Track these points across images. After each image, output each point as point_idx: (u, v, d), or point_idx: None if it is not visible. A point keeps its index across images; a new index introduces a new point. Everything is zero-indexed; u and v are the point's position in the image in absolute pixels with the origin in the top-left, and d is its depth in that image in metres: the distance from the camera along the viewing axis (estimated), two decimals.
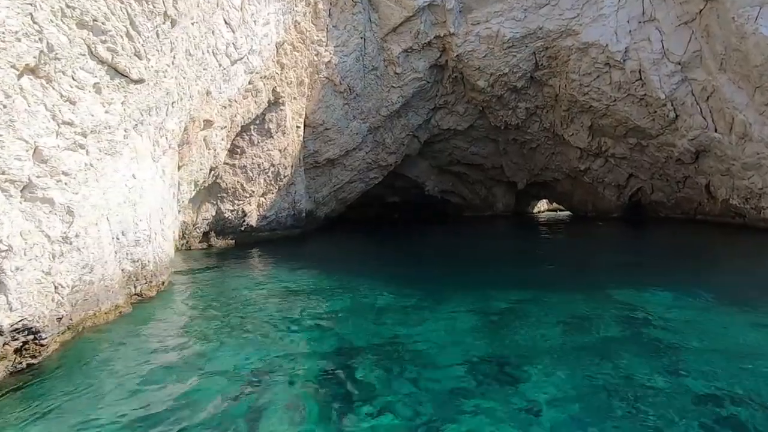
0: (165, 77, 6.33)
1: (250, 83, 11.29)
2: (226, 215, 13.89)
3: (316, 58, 15.58)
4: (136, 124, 5.52)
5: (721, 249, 11.93)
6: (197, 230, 13.40)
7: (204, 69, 8.68)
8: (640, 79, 16.25)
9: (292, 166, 15.12)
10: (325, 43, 15.65)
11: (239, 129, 11.55)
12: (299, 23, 13.46)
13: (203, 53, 8.40)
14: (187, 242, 13.19)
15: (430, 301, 6.84)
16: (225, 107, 10.25)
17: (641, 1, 15.98)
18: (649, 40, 15.82)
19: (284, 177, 14.97)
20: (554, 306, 6.34)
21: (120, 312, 5.22)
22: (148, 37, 5.37)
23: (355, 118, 18.33)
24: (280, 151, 14.24)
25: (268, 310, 6.25)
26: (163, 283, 6.82)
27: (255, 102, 11.90)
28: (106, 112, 4.81)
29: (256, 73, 11.41)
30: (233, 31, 9.66)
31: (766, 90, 12.70)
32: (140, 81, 5.35)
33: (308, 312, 6.27)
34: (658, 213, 20.75)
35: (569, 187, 24.13)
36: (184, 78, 7.36)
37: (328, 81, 16.22)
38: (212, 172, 11.18)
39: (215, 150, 10.36)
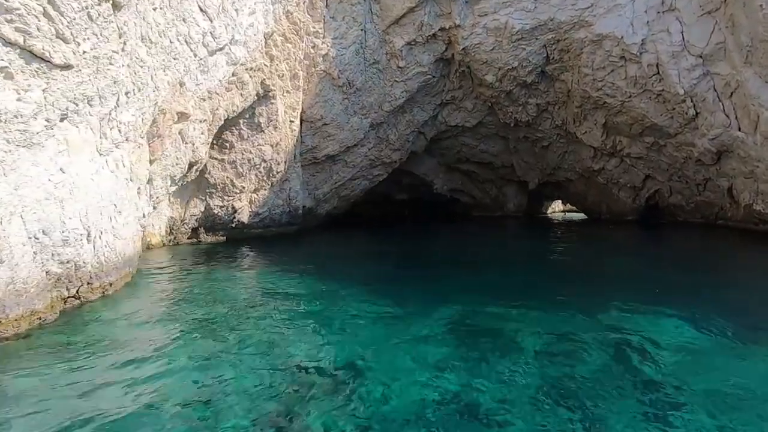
0: (111, 64, 5.84)
1: (233, 75, 10.79)
2: (216, 211, 13.52)
3: (312, 51, 15.00)
4: (66, 114, 5.05)
5: (742, 261, 10.64)
6: (185, 226, 13.07)
7: (174, 59, 8.20)
8: (658, 73, 14.99)
9: (285, 162, 14.62)
10: (322, 35, 15.04)
11: (222, 122, 11.08)
12: (292, 13, 12.88)
13: (171, 41, 7.92)
14: (174, 238, 12.88)
15: (407, 313, 6.13)
16: (204, 99, 9.79)
17: None
18: (669, 31, 14.54)
19: (277, 173, 14.49)
20: (542, 326, 5.45)
21: (39, 319, 4.78)
22: (74, 19, 4.87)
23: (356, 114, 17.68)
24: (271, 146, 13.74)
25: (221, 319, 5.71)
26: (111, 284, 6.38)
27: (241, 95, 11.41)
28: (19, 99, 4.34)
29: (241, 64, 10.90)
30: (210, 20, 9.15)
31: None
32: (67, 67, 4.87)
33: (265, 322, 5.69)
34: (677, 217, 19.34)
35: (583, 187, 22.86)
36: (141, 66, 6.88)
37: (326, 74, 15.62)
38: (194, 167, 10.76)
39: (194, 144, 9.92)
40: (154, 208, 9.71)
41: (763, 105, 12.33)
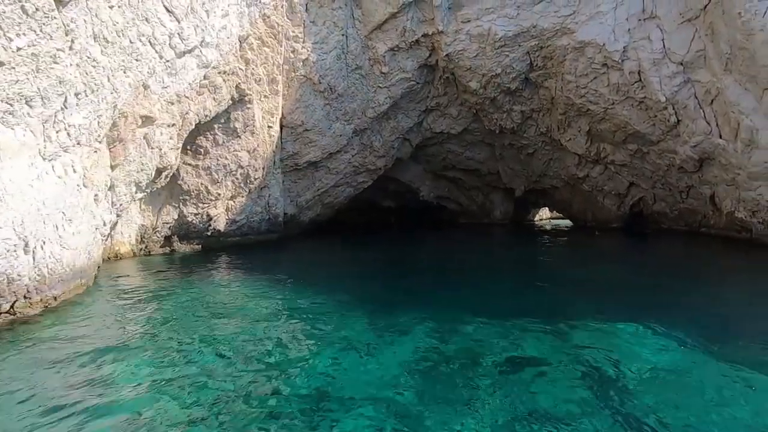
0: (55, 63, 5.45)
1: (205, 78, 10.42)
2: (190, 219, 13.05)
3: (292, 55, 14.69)
4: None
5: (724, 271, 10.46)
6: (158, 234, 12.58)
7: (136, 60, 7.82)
8: (640, 80, 14.92)
9: (264, 168, 14.23)
10: (302, 40, 14.75)
11: (193, 127, 10.69)
12: (269, 17, 12.58)
13: (132, 42, 7.54)
14: (146, 247, 12.38)
15: (375, 330, 5.77)
16: (172, 103, 9.39)
17: None
18: (650, 38, 14.49)
19: (255, 179, 14.08)
20: (514, 345, 5.12)
21: None
22: (4, 12, 4.50)
23: (338, 120, 17.38)
24: (248, 152, 13.35)
25: (170, 341, 5.28)
26: (56, 297, 5.93)
27: (214, 99, 11.03)
28: None
29: (213, 67, 10.54)
30: (178, 21, 8.80)
31: None
32: None
33: (215, 345, 5.25)
34: (661, 224, 19.24)
35: (568, 195, 22.75)
36: (95, 67, 6.49)
37: (306, 79, 15.31)
38: (164, 173, 10.32)
39: (161, 149, 9.50)
40: (119, 215, 9.25)
41: (743, 112, 12.26)
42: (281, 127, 15.60)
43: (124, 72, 7.56)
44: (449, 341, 5.31)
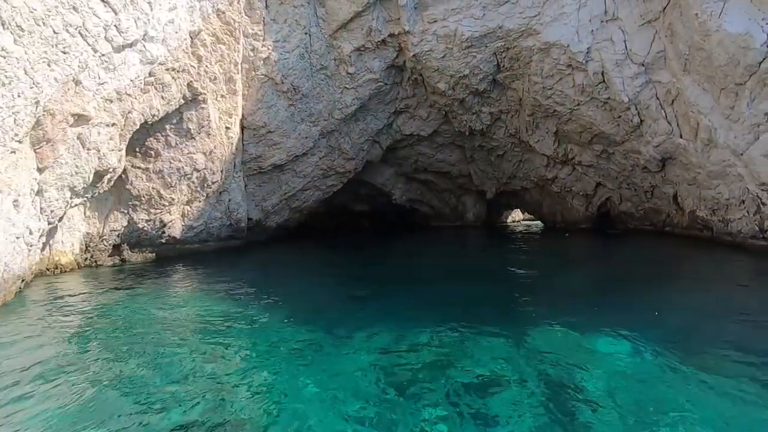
0: None
1: (151, 75, 9.72)
2: (141, 226, 12.22)
3: (251, 54, 14.07)
4: None
5: (685, 271, 10.35)
6: (105, 243, 11.69)
7: (63, 52, 7.11)
8: (603, 81, 14.97)
9: (222, 172, 13.52)
10: (262, 38, 14.16)
11: (138, 127, 9.95)
12: (224, 12, 11.96)
13: (57, 32, 6.84)
14: (92, 257, 11.46)
15: (332, 342, 5.25)
16: (111, 101, 8.67)
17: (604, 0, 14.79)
18: (612, 40, 14.57)
19: (213, 183, 13.35)
20: (471, 358, 4.69)
21: None
22: None
23: (304, 121, 16.82)
24: (204, 154, 12.64)
25: (76, 369, 4.61)
26: None
27: (162, 97, 10.33)
28: None
29: (160, 64, 9.85)
30: (115, 12, 8.11)
31: (731, 92, 11.45)
32: None
33: (149, 365, 4.65)
34: (627, 224, 19.45)
35: (538, 196, 22.83)
36: (5, 57, 5.80)
37: (268, 79, 14.71)
38: (105, 176, 9.53)
39: (99, 151, 8.74)
40: (51, 223, 8.44)
41: (701, 112, 12.38)
42: (242, 128, 14.94)
43: (48, 65, 6.84)
44: (404, 356, 4.86)
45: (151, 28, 9.12)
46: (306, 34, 15.18)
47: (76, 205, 9.16)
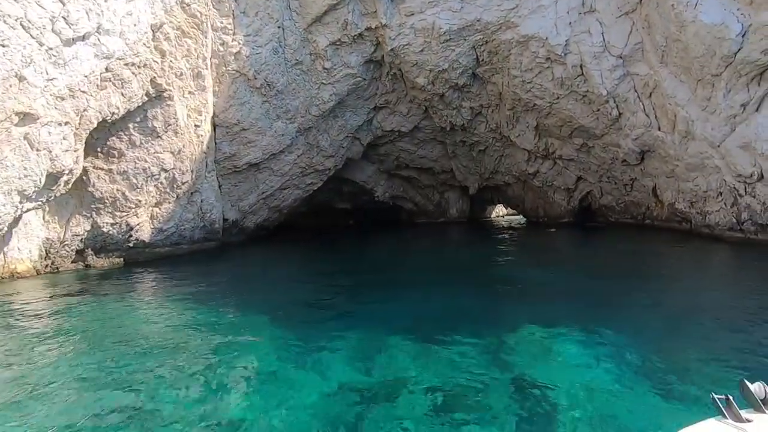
0: None
1: (108, 70, 9.15)
2: (106, 229, 11.63)
3: (221, 48, 13.51)
4: None
5: (664, 267, 10.16)
6: (67, 248, 11.08)
7: (2, 45, 6.57)
8: (582, 74, 14.81)
9: (193, 171, 12.97)
10: (232, 31, 13.60)
11: (95, 125, 9.37)
12: (189, 5, 11.39)
13: None
14: (53, 263, 10.86)
15: (288, 358, 4.89)
16: (63, 98, 8.11)
17: None
18: (590, 32, 14.40)
19: (183, 183, 12.80)
20: (440, 372, 4.34)
21: None
22: None
23: (279, 118, 16.32)
24: (172, 153, 12.08)
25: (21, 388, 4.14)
26: None
27: (122, 94, 9.76)
28: None
29: (118, 58, 9.29)
30: (62, 2, 7.56)
31: (708, 84, 11.37)
32: None
33: (98, 380, 4.23)
34: (608, 218, 19.46)
35: (520, 191, 22.73)
36: None
37: (240, 75, 14.16)
38: (61, 179, 8.95)
39: (51, 152, 8.17)
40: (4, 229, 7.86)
41: (679, 104, 12.30)
42: (214, 126, 14.39)
43: None
44: (373, 368, 4.54)
45: (106, 20, 8.56)
46: (279, 27, 14.66)
47: (29, 210, 8.58)
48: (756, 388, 1.93)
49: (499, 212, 31.43)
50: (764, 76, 10.35)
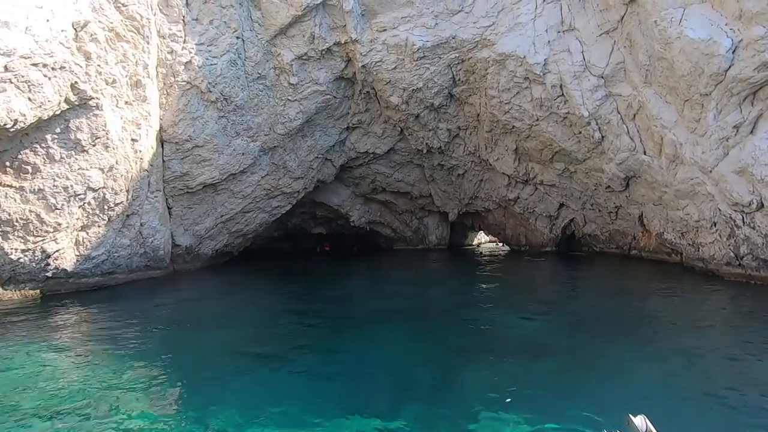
0: None
1: (7, 70, 7.71)
2: (15, 257, 9.84)
3: (169, 57, 12.19)
4: None
5: (648, 313, 8.49)
6: None
7: None
8: (562, 95, 13.82)
9: (128, 191, 11.36)
10: (182, 39, 12.31)
11: None
12: (126, 6, 10.10)
13: None
14: None
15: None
16: None
17: (560, 9, 13.77)
18: (569, 51, 13.50)
19: (116, 205, 11.16)
20: None
21: None
22: None
23: (239, 135, 14.92)
24: (102, 170, 10.49)
25: None
26: None
27: (30, 99, 8.26)
28: None
29: (22, 57, 7.85)
30: None
31: (697, 104, 10.38)
32: None
33: None
34: (593, 247, 18.23)
35: (501, 218, 21.48)
36: None
37: (191, 86, 12.80)
38: None
39: None
40: None
41: (665, 126, 11.26)
42: (161, 142, 12.92)
43: None
44: None
45: (1, 9, 7.17)
46: (238, 38, 13.47)
47: None
48: (638, 421, 2.21)
49: (480, 239, 30.14)
50: (758, 96, 9.35)
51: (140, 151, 11.28)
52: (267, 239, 23.95)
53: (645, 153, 12.38)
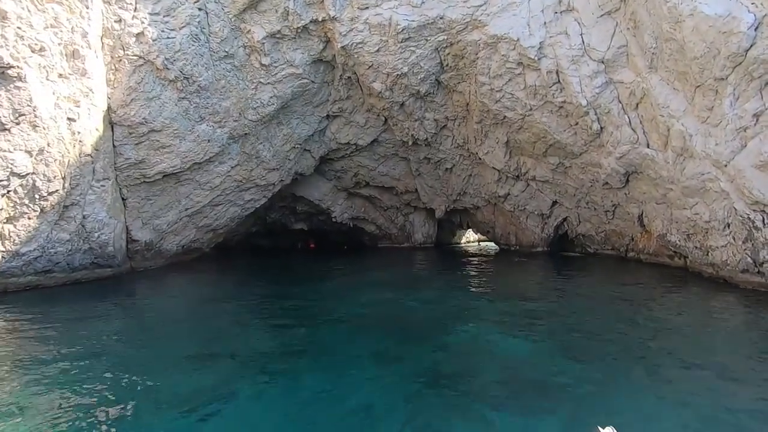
0: None
1: None
2: None
3: (117, 27, 10.66)
4: None
5: (651, 332, 7.06)
6: None
7: None
8: (558, 81, 12.55)
9: (65, 178, 9.84)
10: (132, 7, 10.78)
11: None
12: None
13: None
14: None
15: None
16: None
17: None
18: (567, 33, 12.23)
19: (50, 194, 9.64)
20: None
21: None
22: None
23: (204, 120, 13.43)
24: (29, 153, 8.97)
25: None
26: None
27: None
28: None
29: None
30: None
31: (710, 90, 9.19)
32: None
33: None
34: (587, 248, 17.10)
35: (490, 215, 20.26)
36: None
37: (145, 62, 11.28)
38: None
39: None
40: None
41: (672, 115, 10.07)
42: (112, 124, 11.41)
43: None
44: None
45: None
46: (200, 10, 11.96)
47: None
48: None
49: (469, 237, 28.92)
50: None
51: (80, 133, 9.76)
52: (244, 235, 22.51)
53: (648, 146, 11.18)
